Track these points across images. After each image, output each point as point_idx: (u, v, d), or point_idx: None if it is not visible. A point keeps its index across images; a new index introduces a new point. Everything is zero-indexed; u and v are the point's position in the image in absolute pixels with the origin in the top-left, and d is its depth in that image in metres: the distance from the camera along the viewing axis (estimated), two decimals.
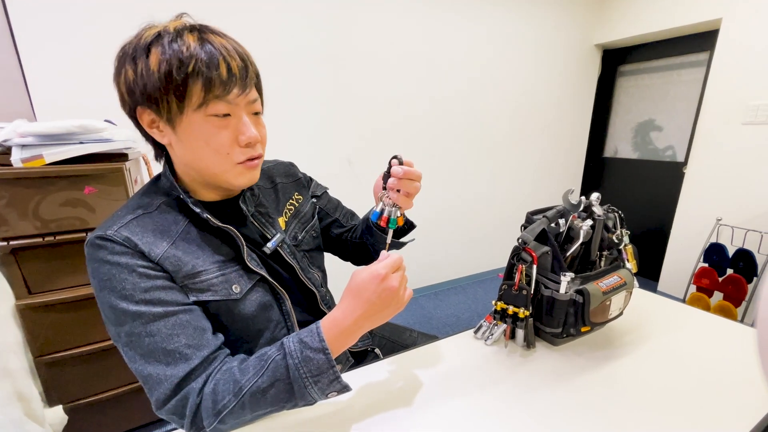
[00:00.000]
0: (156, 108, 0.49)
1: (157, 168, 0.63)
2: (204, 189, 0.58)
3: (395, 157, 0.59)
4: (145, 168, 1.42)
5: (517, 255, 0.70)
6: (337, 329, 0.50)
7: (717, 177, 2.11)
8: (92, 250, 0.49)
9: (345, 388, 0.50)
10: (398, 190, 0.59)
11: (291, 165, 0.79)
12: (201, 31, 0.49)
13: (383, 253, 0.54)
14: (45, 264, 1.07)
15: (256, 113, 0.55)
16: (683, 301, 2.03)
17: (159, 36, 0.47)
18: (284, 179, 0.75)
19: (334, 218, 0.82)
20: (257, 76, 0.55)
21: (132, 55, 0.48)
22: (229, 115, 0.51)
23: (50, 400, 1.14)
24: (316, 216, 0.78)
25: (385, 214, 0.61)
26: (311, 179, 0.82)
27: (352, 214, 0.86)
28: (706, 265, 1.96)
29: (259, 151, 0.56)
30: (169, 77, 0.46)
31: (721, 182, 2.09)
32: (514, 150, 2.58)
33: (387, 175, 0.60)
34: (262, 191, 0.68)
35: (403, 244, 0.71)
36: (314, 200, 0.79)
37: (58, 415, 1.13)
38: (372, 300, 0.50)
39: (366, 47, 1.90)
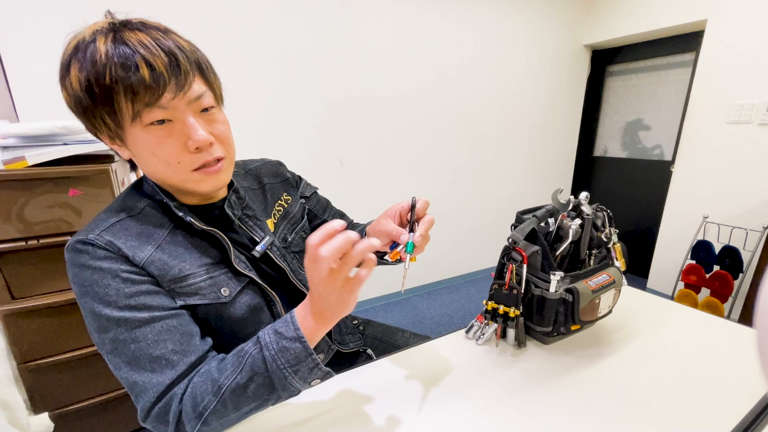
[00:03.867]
0: (94, 126, 0.46)
1: None
2: (182, 194, 0.55)
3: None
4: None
5: (507, 254, 0.70)
6: (308, 316, 0.47)
7: (703, 175, 2.14)
8: (73, 255, 0.47)
9: (328, 374, 0.48)
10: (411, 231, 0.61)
11: (279, 164, 0.77)
12: (116, 31, 0.44)
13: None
14: (29, 268, 1.04)
15: (206, 109, 0.49)
16: (672, 297, 2.06)
17: (76, 47, 0.44)
18: (272, 179, 0.73)
19: (322, 219, 0.81)
20: (200, 65, 0.49)
21: (61, 73, 0.45)
22: (170, 120, 0.46)
23: (35, 407, 1.11)
24: (306, 217, 0.77)
25: (399, 249, 0.59)
26: (300, 178, 0.80)
27: (342, 215, 0.85)
28: (694, 262, 2.00)
29: (215, 154, 0.50)
30: (90, 93, 0.43)
31: (708, 180, 2.12)
32: (504, 150, 2.60)
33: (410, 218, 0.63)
34: (249, 193, 0.67)
35: (387, 262, 0.71)
36: (303, 201, 0.78)
37: (43, 422, 1.11)
38: (311, 276, 0.44)
39: (357, 48, 1.89)
